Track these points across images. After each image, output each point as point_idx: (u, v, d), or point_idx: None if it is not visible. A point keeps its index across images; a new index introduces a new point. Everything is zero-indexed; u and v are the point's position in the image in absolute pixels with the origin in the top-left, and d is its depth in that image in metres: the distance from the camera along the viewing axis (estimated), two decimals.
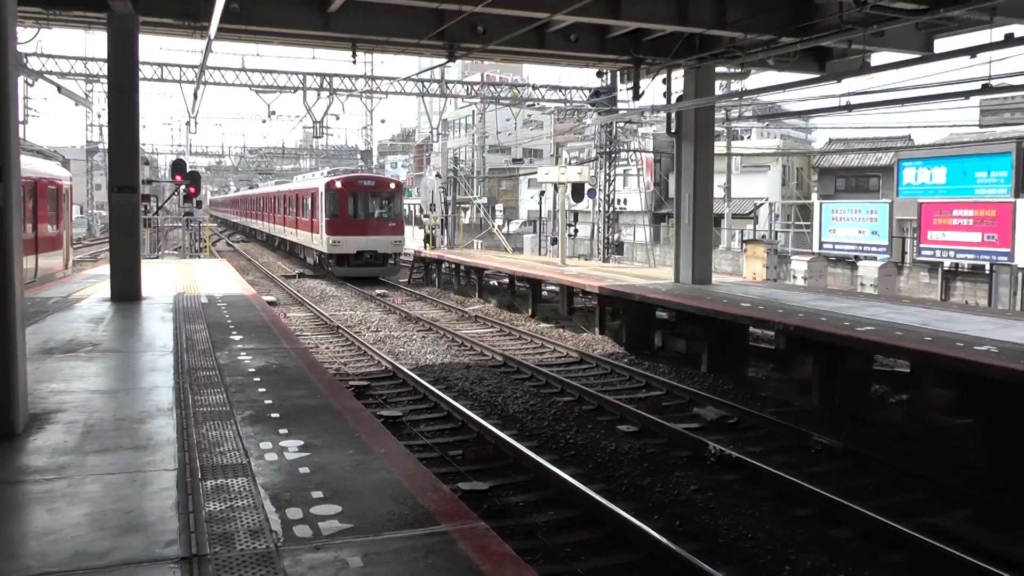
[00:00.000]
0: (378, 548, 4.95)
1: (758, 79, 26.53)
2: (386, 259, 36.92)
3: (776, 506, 10.05)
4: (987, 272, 29.88)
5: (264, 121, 61.24)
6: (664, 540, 8.49)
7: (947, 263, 31.50)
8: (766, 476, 10.85)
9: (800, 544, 8.92)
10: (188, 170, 34.91)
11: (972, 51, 16.61)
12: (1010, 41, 14.83)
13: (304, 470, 6.35)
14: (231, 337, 12.66)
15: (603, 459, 11.77)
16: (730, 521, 9.53)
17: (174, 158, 48.21)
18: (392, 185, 39.24)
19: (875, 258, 32.82)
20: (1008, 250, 28.75)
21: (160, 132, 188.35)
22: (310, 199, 39.83)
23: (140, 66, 21.03)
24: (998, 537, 9.17)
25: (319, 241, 37.82)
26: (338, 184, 36.90)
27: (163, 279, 21.46)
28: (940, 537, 8.81)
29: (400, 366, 17.31)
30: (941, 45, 21.50)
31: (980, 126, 46.11)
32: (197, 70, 33.74)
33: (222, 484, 5.98)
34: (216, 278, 22.74)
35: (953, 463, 11.58)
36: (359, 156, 72.23)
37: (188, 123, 59.72)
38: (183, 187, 34.71)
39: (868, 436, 12.94)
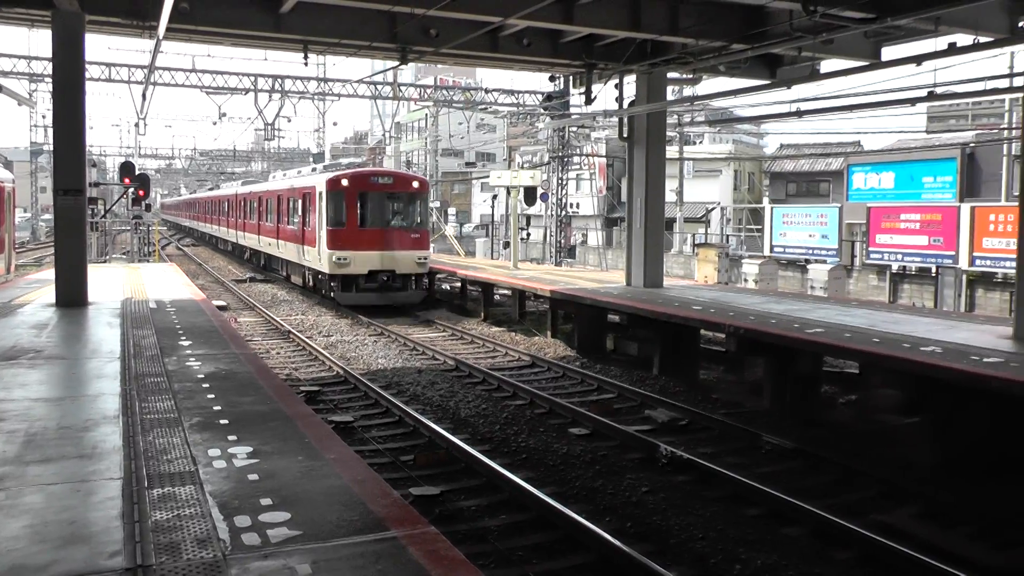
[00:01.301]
0: (327, 555, 4.91)
1: (710, 85, 26.97)
2: (408, 281, 28.01)
3: (727, 506, 10.13)
4: (933, 275, 30.43)
5: (215, 123, 60.64)
6: (616, 542, 8.51)
7: (895, 266, 32.06)
8: (717, 477, 10.93)
9: (751, 543, 9.00)
10: (137, 172, 34.46)
11: (918, 59, 16.97)
12: (953, 50, 15.13)
13: (253, 477, 6.28)
14: (180, 342, 12.50)
15: (555, 462, 11.79)
16: (681, 522, 9.59)
17: (122, 160, 47.49)
18: (415, 184, 29.55)
19: (825, 261, 33.27)
20: (953, 253, 29.33)
21: (108, 133, 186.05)
22: (301, 202, 31.08)
23: (87, 66, 20.73)
24: (946, 533, 9.33)
25: (316, 257, 28.90)
26: (344, 182, 27.90)
27: (110, 284, 21.15)
28: (888, 534, 8.94)
29: (351, 371, 17.21)
30: (889, 53, 21.90)
31: (927, 132, 46.92)
32: (146, 70, 33.30)
33: (169, 492, 5.90)
34: (165, 282, 22.47)
35: (901, 462, 11.76)
36: (311, 159, 71.80)
37: (137, 124, 58.90)
38: (131, 190, 34.23)
39: (818, 436, 13.09)
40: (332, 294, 27.72)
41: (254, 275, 39.21)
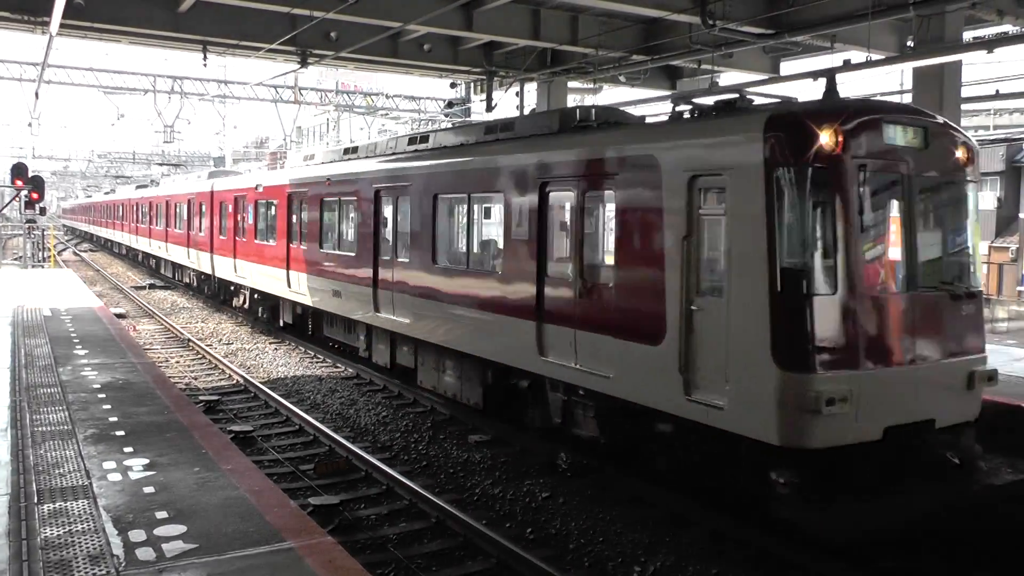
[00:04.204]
0: (223, 568, 4.94)
1: (610, 95, 27.38)
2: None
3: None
4: None
5: (113, 124, 59.06)
6: (514, 547, 8.66)
7: None
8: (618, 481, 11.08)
9: (648, 546, 9.22)
10: (30, 175, 33.36)
11: (815, 75, 17.66)
12: (848, 66, 15.76)
13: (149, 490, 6.26)
14: (75, 352, 12.27)
15: (454, 469, 11.88)
16: (581, 526, 9.77)
17: (14, 161, 45.85)
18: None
19: None
20: None
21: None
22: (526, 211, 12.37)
23: None
24: None
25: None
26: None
27: (0, 291, 20.51)
28: None
29: (252, 379, 17.03)
30: (787, 68, 22.72)
31: None
32: (39, 68, 32.31)
33: (60, 508, 5.84)
34: (61, 289, 21.91)
35: None
36: (212, 162, 70.53)
37: (30, 124, 57.04)
38: (24, 193, 33.11)
39: None
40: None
41: (153, 282, 38.35)
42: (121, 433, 7.81)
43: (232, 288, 27.03)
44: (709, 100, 10.65)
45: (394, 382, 16.68)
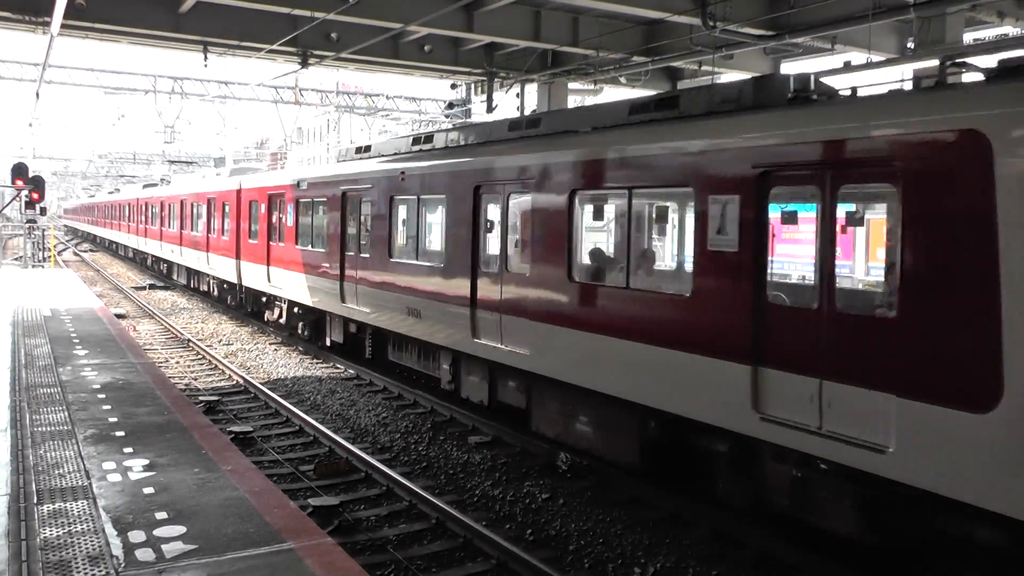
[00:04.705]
0: (223, 569, 4.94)
1: (610, 95, 27.43)
2: None
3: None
4: None
5: (113, 125, 59.01)
6: (514, 549, 8.65)
7: None
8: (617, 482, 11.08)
9: (648, 547, 9.22)
10: (31, 175, 33.34)
11: (816, 76, 17.66)
12: (848, 68, 15.76)
13: (148, 490, 6.25)
14: (75, 352, 12.26)
15: (454, 471, 11.88)
16: (581, 527, 9.77)
17: (15, 162, 45.83)
18: None
19: None
20: None
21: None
22: None
23: None
24: None
25: None
26: None
27: (0, 291, 20.52)
28: None
29: (252, 380, 17.03)
30: (787, 69, 22.74)
31: None
32: (39, 68, 32.32)
33: (60, 508, 5.83)
34: (61, 289, 21.91)
35: None
36: (212, 163, 70.53)
37: (30, 124, 57.04)
38: (25, 193, 33.11)
39: None
40: None
41: (153, 282, 38.36)
42: (121, 433, 7.81)
43: (264, 299, 24.00)
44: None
45: (394, 383, 16.65)
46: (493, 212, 13.08)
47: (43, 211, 40.08)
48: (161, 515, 5.73)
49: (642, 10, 17.73)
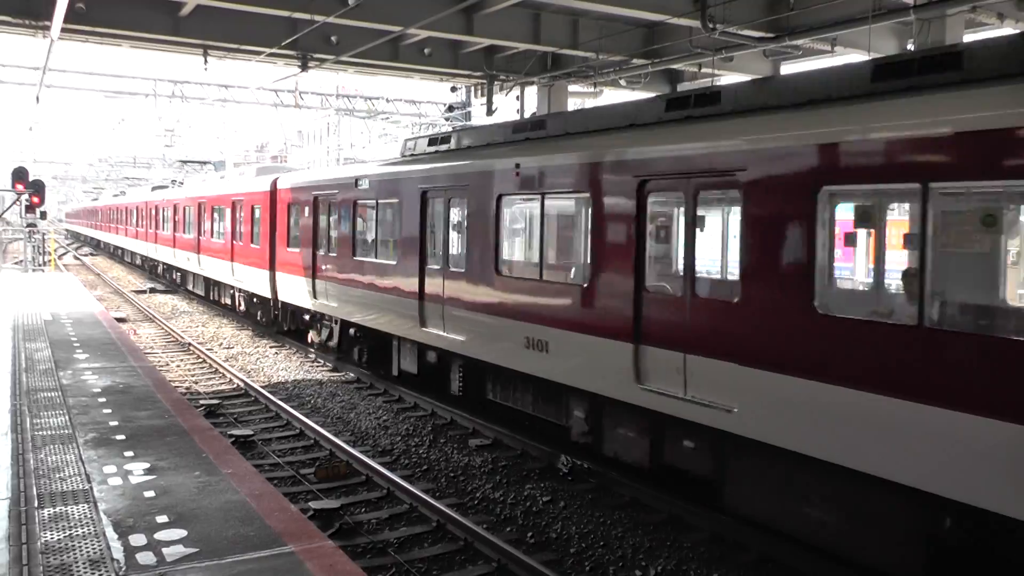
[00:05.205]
0: (224, 572, 4.93)
1: (610, 97, 27.49)
2: None
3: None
4: None
5: (114, 129, 58.90)
6: (515, 552, 8.65)
7: None
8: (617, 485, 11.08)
9: (649, 550, 9.22)
10: (31, 179, 33.35)
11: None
12: None
13: (149, 494, 6.25)
14: (76, 356, 12.26)
15: (455, 473, 11.88)
16: (582, 530, 9.76)
17: (15, 166, 45.77)
18: None
19: None
20: None
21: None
22: None
23: None
24: None
25: None
26: None
27: (0, 295, 20.52)
28: None
29: (252, 383, 17.02)
30: (787, 71, 22.76)
31: None
32: (39, 72, 32.32)
33: (61, 512, 5.83)
34: (61, 293, 21.91)
35: None
36: (212, 166, 70.49)
37: (30, 128, 56.99)
38: (25, 197, 33.12)
39: None
40: None
41: (154, 286, 38.36)
42: (121, 437, 7.81)
43: (307, 318, 20.92)
44: None
45: (395, 386, 16.62)
46: (661, 218, 10.41)
47: (43, 215, 40.07)
48: (162, 518, 5.73)
49: (641, 12, 17.76)
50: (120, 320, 23.59)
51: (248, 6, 17.84)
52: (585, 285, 10.85)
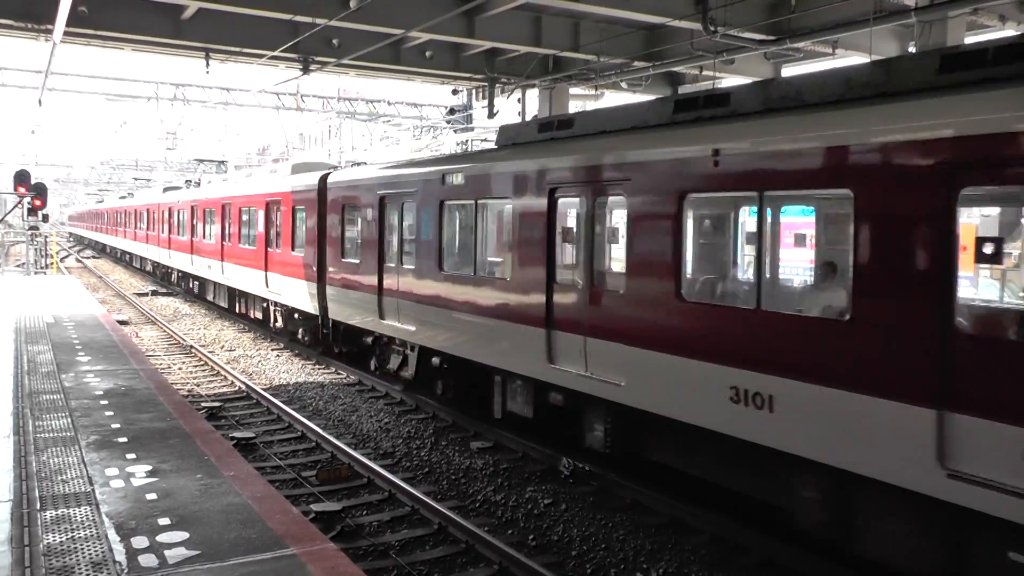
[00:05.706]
0: (225, 574, 4.95)
1: (611, 100, 27.50)
2: None
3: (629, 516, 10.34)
4: None
5: (116, 132, 58.88)
6: (516, 554, 8.66)
7: None
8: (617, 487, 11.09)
9: (651, 552, 9.22)
10: (33, 181, 33.37)
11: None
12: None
13: (151, 496, 6.26)
14: (78, 358, 12.28)
15: (456, 476, 11.88)
16: (583, 532, 9.77)
17: (17, 168, 45.77)
18: None
19: None
20: None
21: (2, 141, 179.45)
22: None
23: None
24: None
25: None
26: None
27: (2, 297, 20.54)
28: None
29: (254, 386, 17.03)
30: (788, 73, 22.77)
31: None
32: (42, 75, 32.35)
33: (63, 514, 5.84)
34: (63, 296, 21.93)
35: None
36: (214, 168, 70.48)
37: (32, 131, 57.02)
38: (27, 199, 33.13)
39: None
40: None
41: (156, 288, 38.41)
42: (123, 440, 7.82)
43: (369, 340, 17.57)
44: None
45: (396, 388, 16.63)
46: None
47: (45, 218, 40.08)
48: (164, 521, 5.74)
49: (642, 15, 17.77)
50: (122, 323, 23.62)
51: (250, 9, 17.87)
52: (849, 318, 7.81)
